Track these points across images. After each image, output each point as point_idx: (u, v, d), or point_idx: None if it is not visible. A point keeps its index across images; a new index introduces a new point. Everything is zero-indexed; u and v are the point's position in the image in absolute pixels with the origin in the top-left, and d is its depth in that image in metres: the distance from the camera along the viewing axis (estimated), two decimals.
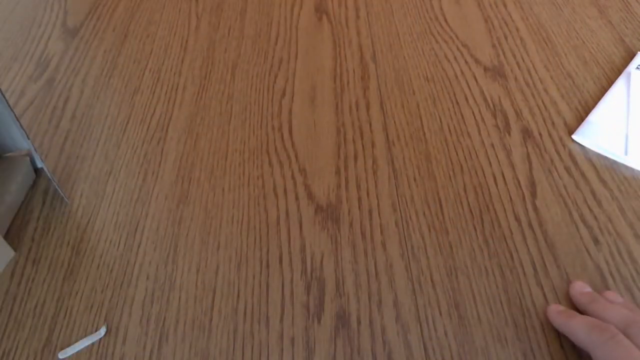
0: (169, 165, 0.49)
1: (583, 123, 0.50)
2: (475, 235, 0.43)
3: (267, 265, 0.42)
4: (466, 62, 0.58)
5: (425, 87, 0.55)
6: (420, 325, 0.38)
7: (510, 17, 0.64)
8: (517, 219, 0.44)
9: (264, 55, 0.60)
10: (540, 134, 0.50)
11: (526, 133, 0.50)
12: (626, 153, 0.47)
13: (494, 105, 0.53)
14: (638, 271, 0.40)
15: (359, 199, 0.46)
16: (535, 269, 0.41)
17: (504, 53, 0.59)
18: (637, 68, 0.54)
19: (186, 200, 0.46)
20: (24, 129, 0.43)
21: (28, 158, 0.48)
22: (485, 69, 0.57)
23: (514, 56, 0.58)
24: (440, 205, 0.45)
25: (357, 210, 0.45)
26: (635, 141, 0.48)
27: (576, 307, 0.38)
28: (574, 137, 0.49)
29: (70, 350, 0.37)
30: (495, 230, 0.43)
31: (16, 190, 0.46)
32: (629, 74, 0.54)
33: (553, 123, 0.51)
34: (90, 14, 0.67)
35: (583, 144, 0.49)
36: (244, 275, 0.41)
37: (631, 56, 0.57)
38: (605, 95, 0.53)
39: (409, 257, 0.42)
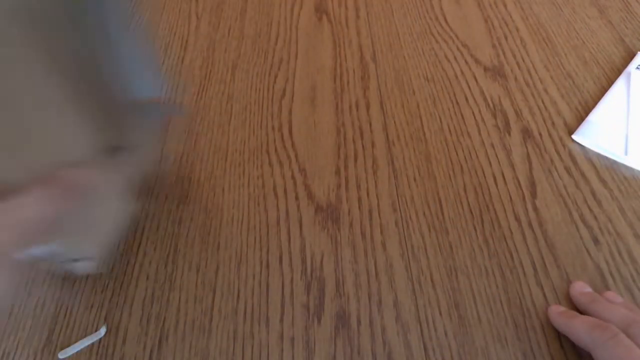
0: (169, 165, 0.49)
1: (583, 123, 0.50)
2: (475, 235, 0.43)
3: (267, 265, 0.42)
4: (466, 62, 0.58)
5: (425, 87, 0.55)
6: (420, 325, 0.38)
7: (510, 17, 0.64)
8: (517, 219, 0.44)
9: (264, 55, 0.60)
10: (540, 134, 0.50)
11: (526, 133, 0.50)
12: (626, 153, 0.47)
13: (494, 105, 0.53)
14: (638, 271, 0.40)
15: (359, 199, 0.46)
16: (535, 269, 0.41)
17: (504, 53, 0.59)
18: (637, 68, 0.54)
19: (186, 200, 0.46)
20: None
21: (159, 106, 0.44)
22: (485, 69, 0.57)
23: (514, 56, 0.58)
24: (440, 205, 0.45)
25: (357, 210, 0.45)
26: (635, 141, 0.48)
27: (576, 308, 0.38)
28: (574, 137, 0.49)
29: (70, 350, 0.37)
30: (495, 230, 0.43)
31: (151, 140, 0.43)
32: (629, 74, 0.54)
33: (553, 123, 0.51)
34: None
35: (583, 144, 0.49)
36: (244, 275, 0.41)
37: (631, 56, 0.57)
38: (605, 95, 0.53)
39: (409, 257, 0.42)
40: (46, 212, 0.27)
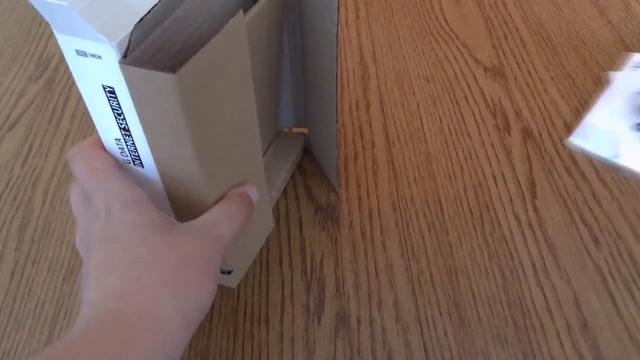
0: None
1: (580, 125, 0.50)
2: (475, 235, 0.43)
3: (267, 265, 0.42)
4: (466, 62, 0.58)
5: (425, 87, 0.55)
6: (420, 325, 0.38)
7: (510, 17, 0.64)
8: (517, 219, 0.44)
9: None
10: (540, 134, 0.50)
11: (526, 133, 0.50)
12: (622, 155, 0.47)
13: (494, 105, 0.53)
14: (638, 271, 0.40)
15: (359, 199, 0.46)
16: (535, 269, 0.41)
17: (504, 53, 0.59)
18: (635, 67, 0.54)
19: None
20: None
21: (303, 137, 0.48)
22: (485, 69, 0.57)
23: (514, 56, 0.58)
24: (440, 205, 0.45)
25: (357, 210, 0.45)
26: (632, 142, 0.48)
27: None
28: (571, 140, 0.49)
29: None
30: (495, 230, 0.43)
31: (289, 169, 0.46)
32: (627, 75, 0.54)
33: (553, 123, 0.51)
34: None
35: (581, 145, 0.49)
36: (244, 275, 0.41)
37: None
38: (603, 96, 0.53)
39: (409, 257, 0.42)
40: (236, 228, 0.31)
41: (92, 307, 0.25)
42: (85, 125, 0.53)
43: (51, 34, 0.65)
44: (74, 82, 0.58)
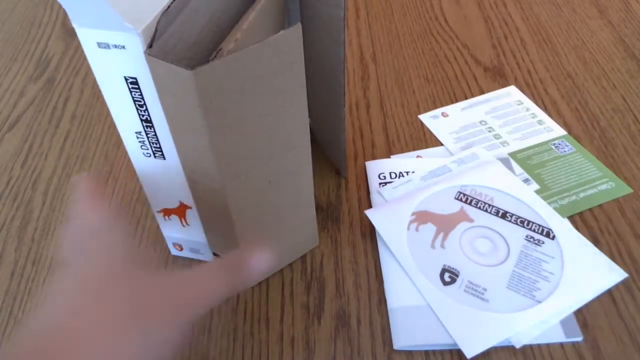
0: None
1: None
2: None
3: None
4: (466, 62, 0.58)
5: (425, 87, 0.55)
6: None
7: (510, 17, 0.64)
8: None
9: None
10: None
11: None
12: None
13: None
14: (638, 271, 0.40)
15: (359, 199, 0.46)
16: None
17: (504, 53, 0.59)
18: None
19: None
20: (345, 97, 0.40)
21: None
22: (485, 69, 0.57)
23: (514, 56, 0.58)
24: None
25: (357, 210, 0.45)
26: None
27: None
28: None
29: None
30: None
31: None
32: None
33: None
34: None
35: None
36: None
37: (631, 56, 0.57)
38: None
39: None
40: (218, 290, 0.29)
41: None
42: (86, 125, 0.53)
43: (51, 34, 0.65)
44: (74, 82, 0.58)
